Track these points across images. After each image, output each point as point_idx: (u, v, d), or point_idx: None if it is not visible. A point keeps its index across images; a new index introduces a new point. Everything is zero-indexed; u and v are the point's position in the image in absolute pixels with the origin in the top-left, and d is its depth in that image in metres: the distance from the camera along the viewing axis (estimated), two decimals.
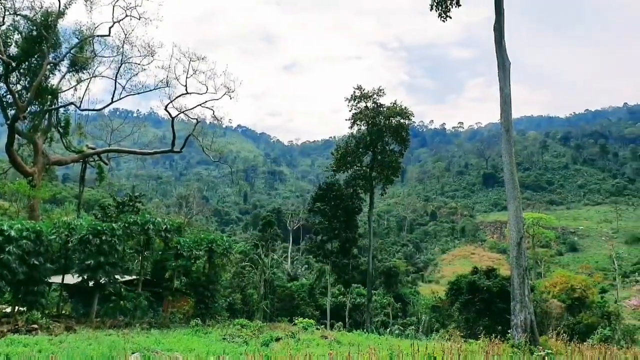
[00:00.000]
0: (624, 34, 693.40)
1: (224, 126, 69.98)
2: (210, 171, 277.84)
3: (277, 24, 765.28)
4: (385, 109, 52.77)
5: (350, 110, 53.83)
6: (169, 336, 23.70)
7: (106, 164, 53.38)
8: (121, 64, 48.02)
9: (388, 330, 49.44)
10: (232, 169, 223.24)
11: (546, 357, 15.42)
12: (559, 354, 19.11)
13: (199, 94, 49.02)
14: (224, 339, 23.99)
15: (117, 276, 29.97)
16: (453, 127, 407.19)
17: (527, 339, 22.58)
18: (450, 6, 30.81)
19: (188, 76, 47.60)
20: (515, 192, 26.52)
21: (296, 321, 34.15)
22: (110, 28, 46.55)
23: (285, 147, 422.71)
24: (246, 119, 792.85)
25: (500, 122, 28.06)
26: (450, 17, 30.95)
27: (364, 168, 54.60)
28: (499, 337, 22.13)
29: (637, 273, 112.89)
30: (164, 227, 32.33)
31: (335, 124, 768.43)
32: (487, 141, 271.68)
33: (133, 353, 13.45)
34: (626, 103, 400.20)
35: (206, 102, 49.44)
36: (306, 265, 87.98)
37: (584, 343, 26.86)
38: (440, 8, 30.96)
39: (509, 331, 24.52)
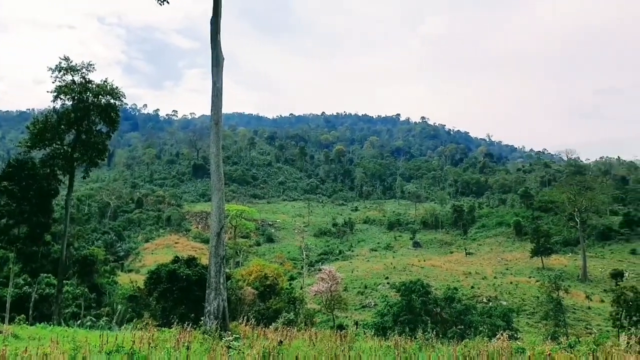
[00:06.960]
0: (327, 50, 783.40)
1: None
2: None
3: None
4: (94, 85, 49.11)
5: (53, 82, 48.57)
6: None
7: None
8: None
9: (79, 322, 46.34)
10: None
11: (233, 341, 16.21)
12: (246, 338, 20.34)
13: None
14: None
15: None
16: (167, 115, 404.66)
17: (218, 326, 23.46)
18: None
19: None
20: (219, 184, 27.32)
21: None
22: None
23: None
24: None
25: (211, 115, 28.62)
26: (168, 3, 30.29)
27: (64, 147, 49.87)
28: (191, 324, 22.54)
29: (321, 262, 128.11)
30: None
31: (38, 96, 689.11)
32: (200, 132, 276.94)
33: None
34: (324, 112, 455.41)
35: None
36: None
37: (270, 326, 29.14)
38: None
39: (201, 318, 25.18)
